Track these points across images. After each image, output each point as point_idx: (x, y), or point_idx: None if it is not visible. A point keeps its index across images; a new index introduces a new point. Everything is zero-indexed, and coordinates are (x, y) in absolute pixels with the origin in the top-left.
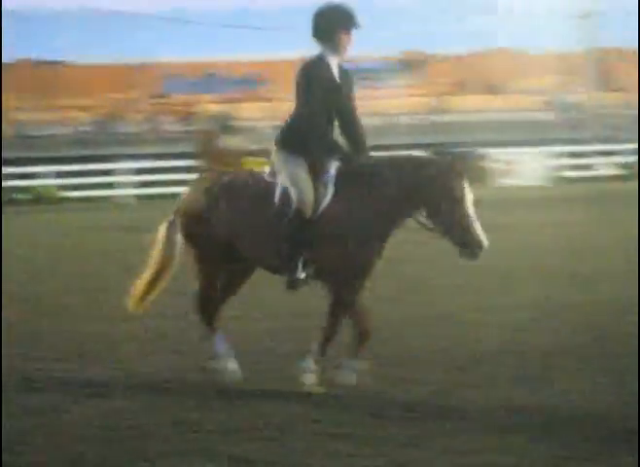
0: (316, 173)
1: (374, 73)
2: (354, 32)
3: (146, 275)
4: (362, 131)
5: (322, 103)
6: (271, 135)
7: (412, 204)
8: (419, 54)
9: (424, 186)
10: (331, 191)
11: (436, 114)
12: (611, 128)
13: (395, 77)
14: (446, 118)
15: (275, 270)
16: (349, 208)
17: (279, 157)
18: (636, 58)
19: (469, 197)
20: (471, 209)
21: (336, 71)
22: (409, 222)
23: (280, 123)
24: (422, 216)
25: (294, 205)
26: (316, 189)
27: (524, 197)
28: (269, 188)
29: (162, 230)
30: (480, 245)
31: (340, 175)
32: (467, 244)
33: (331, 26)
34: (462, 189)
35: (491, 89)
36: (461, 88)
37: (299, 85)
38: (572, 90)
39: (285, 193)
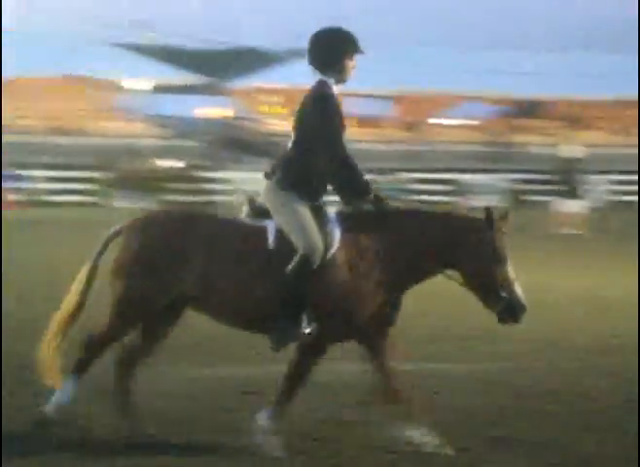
0: (318, 218)
1: None
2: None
3: (57, 319)
4: (359, 169)
5: (340, 138)
6: None
7: (440, 263)
8: None
9: (457, 243)
10: (337, 238)
11: None
12: None
13: None
14: None
15: (258, 327)
16: (359, 258)
17: (275, 196)
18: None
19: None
20: (512, 269)
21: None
22: None
23: None
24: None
25: (300, 251)
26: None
27: None
28: (258, 232)
29: (84, 273)
30: (523, 309)
31: (344, 221)
32: (510, 309)
33: (336, 52)
34: (504, 247)
35: None
36: None
37: (308, 115)
38: None
39: (281, 238)
